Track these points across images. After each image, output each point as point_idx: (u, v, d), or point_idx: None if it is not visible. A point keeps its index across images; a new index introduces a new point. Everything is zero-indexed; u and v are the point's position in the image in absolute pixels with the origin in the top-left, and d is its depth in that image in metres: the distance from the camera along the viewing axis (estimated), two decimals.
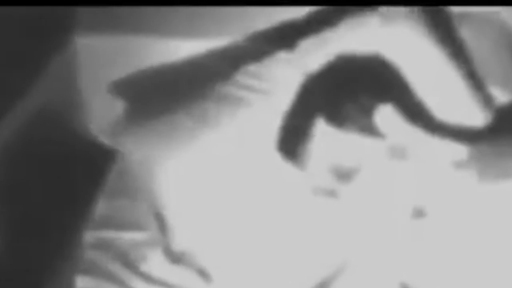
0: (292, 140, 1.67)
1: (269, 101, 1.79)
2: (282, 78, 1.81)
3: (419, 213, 1.58)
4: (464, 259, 1.50)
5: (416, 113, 1.71)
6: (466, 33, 1.96)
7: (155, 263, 1.69)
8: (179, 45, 2.07)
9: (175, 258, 1.70)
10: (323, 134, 1.62)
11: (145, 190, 1.78)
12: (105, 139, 1.88)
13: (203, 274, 1.66)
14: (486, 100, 1.86)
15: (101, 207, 1.82)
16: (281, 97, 1.77)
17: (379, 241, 1.58)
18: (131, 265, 1.68)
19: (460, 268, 1.50)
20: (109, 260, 1.68)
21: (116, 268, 1.67)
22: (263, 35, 2.08)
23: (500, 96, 1.88)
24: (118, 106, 1.99)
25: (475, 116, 1.80)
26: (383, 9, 1.86)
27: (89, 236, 1.74)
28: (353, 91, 1.66)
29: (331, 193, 1.61)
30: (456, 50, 1.89)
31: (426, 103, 1.78)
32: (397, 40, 1.82)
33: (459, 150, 1.62)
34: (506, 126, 1.76)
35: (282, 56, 1.87)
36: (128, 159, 1.80)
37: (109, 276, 1.65)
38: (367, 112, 1.62)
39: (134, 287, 1.64)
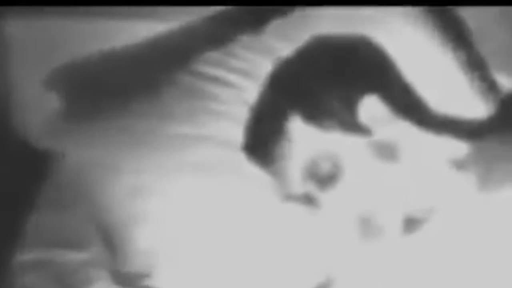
0: (262, 140, 1.59)
1: (234, 93, 1.75)
2: (250, 67, 1.76)
3: (411, 223, 1.51)
4: (462, 277, 1.43)
5: (407, 105, 1.64)
6: (467, 15, 1.91)
7: (103, 285, 1.65)
8: (123, 27, 1.99)
9: (124, 280, 1.65)
10: (299, 132, 1.54)
11: (88, 202, 1.73)
12: (40, 140, 1.81)
13: None
14: (490, 88, 1.82)
15: (36, 221, 1.76)
16: (248, 89, 1.73)
17: (366, 254, 1.54)
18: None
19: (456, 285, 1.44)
20: (48, 284, 1.66)
21: None
22: (224, 16, 2.01)
23: (506, 83, 1.85)
24: (54, 101, 1.90)
25: (477, 108, 1.76)
26: None
27: (24, 256, 1.70)
28: (333, 80, 1.58)
29: (310, 202, 1.55)
30: (453, 32, 1.85)
31: (420, 93, 1.69)
32: (386, 24, 1.78)
33: (459, 148, 1.57)
34: None
35: (248, 40, 1.81)
36: (67, 164, 1.74)
37: None
38: (350, 105, 1.55)
39: None
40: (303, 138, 1.53)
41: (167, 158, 1.70)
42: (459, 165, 1.54)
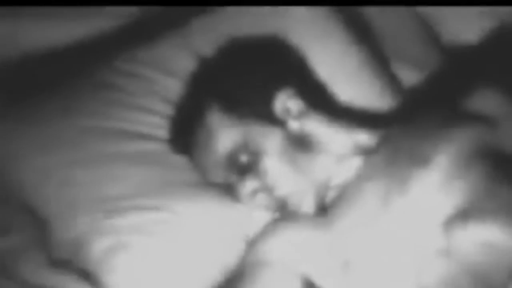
0: (184, 132, 1.65)
1: (153, 88, 1.76)
2: (170, 63, 1.78)
3: (322, 206, 1.60)
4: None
5: (319, 98, 1.74)
6: (372, 13, 1.99)
7: (33, 268, 1.64)
8: (54, 26, 1.95)
9: (56, 261, 1.65)
10: (218, 125, 1.59)
11: (18, 192, 1.70)
12: None
13: (88, 277, 1.62)
14: (393, 82, 1.90)
15: None
16: (169, 83, 1.76)
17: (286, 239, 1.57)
18: (6, 271, 1.63)
19: None
20: None
21: None
22: (146, 14, 2.01)
23: (408, 76, 1.94)
24: None
25: (383, 100, 1.83)
26: None
27: None
28: (250, 76, 1.64)
29: (230, 189, 1.60)
30: (359, 28, 1.91)
31: (330, 87, 1.79)
32: (296, 18, 1.82)
33: (367, 136, 1.65)
34: (416, 108, 1.77)
35: (169, 38, 1.83)
36: None
37: None
38: (265, 98, 1.61)
39: None
40: (223, 130, 1.57)
41: (91, 150, 1.67)
42: (367, 151, 1.61)
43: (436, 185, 1.47)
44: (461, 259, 1.41)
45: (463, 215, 1.43)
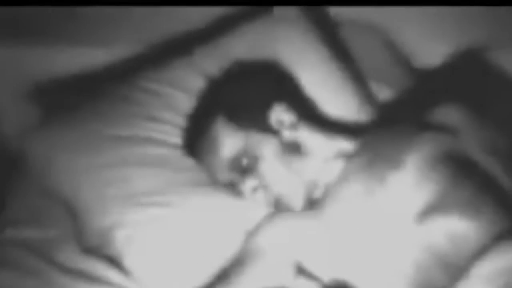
0: (195, 139, 1.70)
1: (167, 102, 1.81)
2: (182, 82, 1.84)
3: (311, 202, 1.64)
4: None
5: (308, 111, 1.78)
6: (348, 36, 2.06)
7: (68, 255, 1.70)
8: (84, 53, 2.07)
9: (89, 249, 1.71)
10: (224, 134, 1.65)
11: (55, 191, 1.77)
12: (17, 143, 1.87)
13: (117, 264, 1.67)
14: (370, 97, 1.95)
15: (15, 207, 1.83)
16: (181, 98, 1.81)
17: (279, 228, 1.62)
18: (47, 258, 1.69)
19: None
20: (27, 255, 1.70)
21: (34, 262, 1.68)
22: (161, 42, 2.10)
23: (383, 93, 1.99)
24: (29, 112, 2.01)
25: (362, 112, 1.88)
26: (276, 13, 1.93)
27: (6, 234, 1.76)
28: (249, 91, 1.70)
29: (234, 187, 1.66)
30: (340, 52, 1.95)
31: (317, 102, 1.84)
32: (287, 43, 1.88)
33: (348, 143, 1.70)
34: (390, 120, 1.81)
35: (181, 61, 1.90)
36: (39, 161, 1.79)
37: (29, 270, 1.66)
38: (262, 111, 1.67)
39: (53, 277, 1.65)
40: (226, 138, 1.64)
41: (116, 154, 1.73)
42: (349, 155, 1.66)
43: (409, 183, 1.51)
44: (430, 246, 1.45)
45: (432, 209, 1.48)
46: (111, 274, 1.67)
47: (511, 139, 1.66)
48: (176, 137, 1.77)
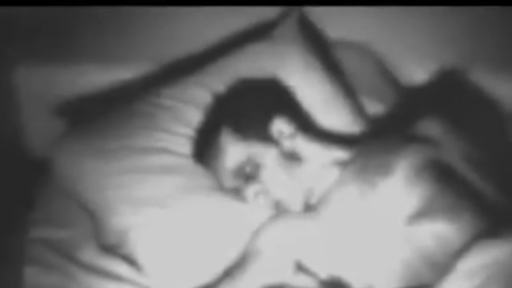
0: (203, 149, 1.75)
1: (177, 116, 1.85)
2: (192, 97, 1.89)
3: (308, 206, 1.68)
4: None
5: (306, 123, 1.82)
6: (341, 55, 2.10)
7: (88, 253, 1.75)
8: (106, 71, 2.15)
9: (107, 248, 1.75)
10: (229, 144, 1.69)
11: (78, 194, 1.82)
12: (44, 151, 1.90)
13: (131, 261, 1.72)
14: (362, 111, 1.99)
15: (41, 209, 1.89)
16: (191, 112, 1.86)
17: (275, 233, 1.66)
18: (69, 255, 1.74)
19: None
20: (51, 253, 1.75)
21: (57, 259, 1.74)
22: (174, 61, 2.16)
23: (373, 107, 2.02)
24: (56, 127, 2.05)
25: (355, 125, 1.92)
26: (276, 33, 1.98)
27: (32, 234, 1.82)
28: (252, 106, 1.75)
29: (238, 193, 1.70)
30: (334, 69, 2.00)
31: (314, 115, 1.89)
32: (286, 61, 1.92)
33: (343, 152, 1.74)
34: (380, 132, 1.86)
35: (189, 78, 1.94)
36: (65, 167, 1.83)
37: (52, 266, 1.72)
38: (264, 123, 1.71)
39: (74, 273, 1.71)
40: (232, 147, 1.68)
41: (132, 161, 1.77)
42: (343, 163, 1.69)
43: (398, 188, 1.56)
44: (418, 247, 1.50)
45: (419, 214, 1.52)
46: (126, 271, 1.71)
47: (485, 149, 1.70)
48: (187, 147, 1.82)
